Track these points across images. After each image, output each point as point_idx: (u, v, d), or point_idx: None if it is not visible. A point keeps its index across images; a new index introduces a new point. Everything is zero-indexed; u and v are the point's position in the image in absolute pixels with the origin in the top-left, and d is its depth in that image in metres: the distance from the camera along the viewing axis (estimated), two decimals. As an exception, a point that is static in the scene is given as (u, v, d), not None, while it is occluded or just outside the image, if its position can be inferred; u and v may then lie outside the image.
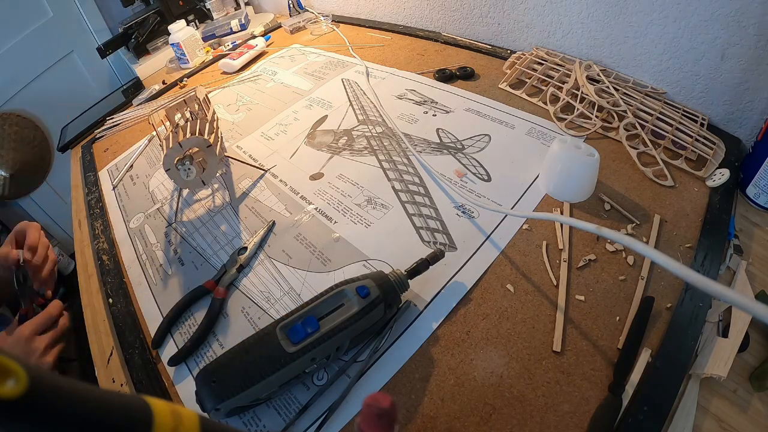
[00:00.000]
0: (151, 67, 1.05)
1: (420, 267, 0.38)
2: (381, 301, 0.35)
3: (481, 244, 0.44)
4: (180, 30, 0.93)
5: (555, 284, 0.39)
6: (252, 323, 0.41)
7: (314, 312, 0.34)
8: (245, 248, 0.47)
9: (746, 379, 0.34)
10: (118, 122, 0.81)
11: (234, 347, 0.33)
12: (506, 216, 0.46)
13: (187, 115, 0.59)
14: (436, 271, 0.41)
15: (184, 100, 0.58)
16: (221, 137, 0.58)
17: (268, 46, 0.95)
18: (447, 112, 0.62)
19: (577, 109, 0.56)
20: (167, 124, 0.57)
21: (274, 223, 0.50)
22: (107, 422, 0.14)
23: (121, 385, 0.39)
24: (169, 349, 0.41)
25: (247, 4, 1.13)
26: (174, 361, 0.39)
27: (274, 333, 0.33)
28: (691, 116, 0.55)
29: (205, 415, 0.31)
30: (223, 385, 0.31)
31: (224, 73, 0.90)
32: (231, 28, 1.04)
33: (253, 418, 0.34)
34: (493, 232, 0.45)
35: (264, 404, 0.35)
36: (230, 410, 0.32)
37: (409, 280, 0.38)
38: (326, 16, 0.98)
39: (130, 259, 0.51)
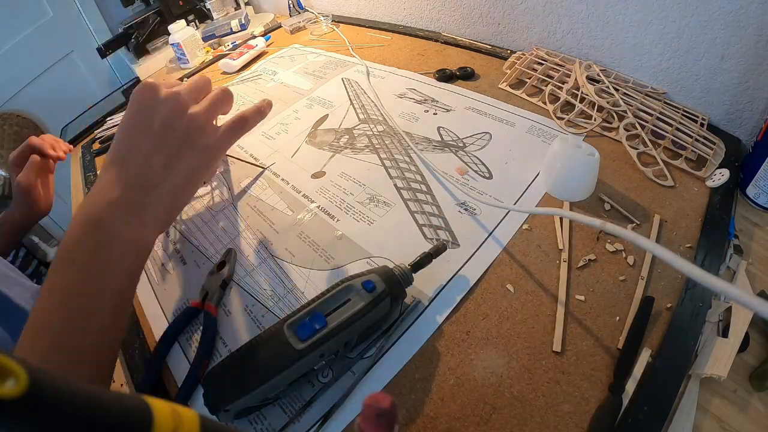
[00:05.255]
0: (151, 67, 1.05)
1: (423, 260, 0.38)
2: (387, 295, 0.35)
3: (483, 242, 0.44)
4: (180, 30, 0.93)
5: (555, 284, 0.39)
6: (256, 321, 0.41)
7: (321, 308, 0.34)
8: (224, 262, 0.46)
9: (746, 379, 0.34)
10: (118, 122, 0.81)
11: (241, 347, 0.33)
12: (507, 214, 0.46)
13: None
14: (440, 268, 0.41)
15: None
16: None
17: (267, 46, 0.95)
18: (448, 111, 0.62)
19: (577, 107, 0.56)
20: None
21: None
22: (107, 422, 0.14)
23: (121, 385, 0.39)
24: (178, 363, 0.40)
25: (247, 4, 1.13)
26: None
27: (281, 330, 0.33)
28: (691, 116, 0.55)
29: (214, 417, 0.31)
30: (231, 386, 0.31)
31: (224, 73, 0.90)
32: (231, 28, 1.04)
33: (257, 415, 0.34)
34: (494, 230, 0.45)
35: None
36: (239, 411, 0.32)
37: (413, 274, 0.38)
38: (326, 16, 0.98)
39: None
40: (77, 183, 0.71)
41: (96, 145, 0.77)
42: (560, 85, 0.61)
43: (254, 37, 0.98)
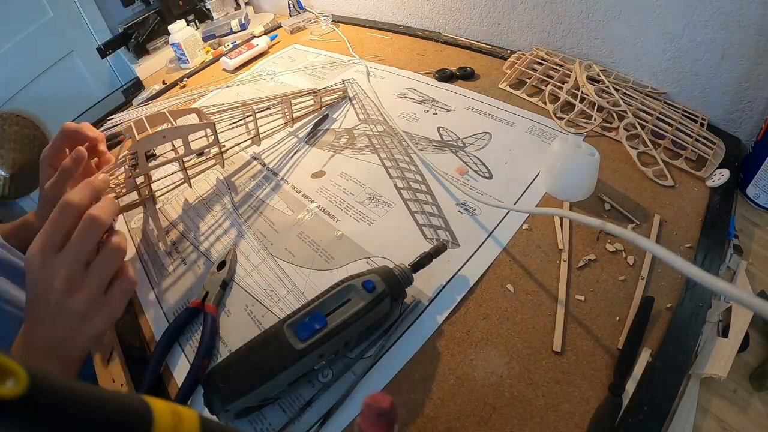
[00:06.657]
0: (151, 67, 1.05)
1: (423, 260, 0.39)
2: (387, 295, 0.35)
3: (483, 242, 0.44)
4: (180, 30, 0.93)
5: (555, 284, 0.39)
6: (256, 321, 0.41)
7: (321, 308, 0.34)
8: (224, 262, 0.45)
9: (746, 379, 0.34)
10: (119, 122, 0.81)
11: (241, 347, 0.33)
12: (507, 214, 0.46)
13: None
14: (440, 267, 0.41)
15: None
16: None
17: (272, 46, 0.95)
18: (447, 111, 0.62)
19: (577, 107, 0.56)
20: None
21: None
22: (107, 422, 0.14)
23: (121, 385, 0.39)
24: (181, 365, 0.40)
25: (247, 4, 1.13)
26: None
27: (281, 330, 0.33)
28: (691, 116, 0.55)
29: (214, 417, 0.31)
30: (231, 386, 0.31)
31: (224, 70, 0.90)
32: (231, 28, 1.04)
33: (257, 415, 0.34)
34: (494, 230, 0.45)
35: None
36: (239, 411, 0.32)
37: (413, 274, 0.38)
38: (326, 16, 0.98)
39: (131, 260, 0.51)
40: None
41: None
42: (560, 85, 0.61)
43: (254, 36, 0.98)
